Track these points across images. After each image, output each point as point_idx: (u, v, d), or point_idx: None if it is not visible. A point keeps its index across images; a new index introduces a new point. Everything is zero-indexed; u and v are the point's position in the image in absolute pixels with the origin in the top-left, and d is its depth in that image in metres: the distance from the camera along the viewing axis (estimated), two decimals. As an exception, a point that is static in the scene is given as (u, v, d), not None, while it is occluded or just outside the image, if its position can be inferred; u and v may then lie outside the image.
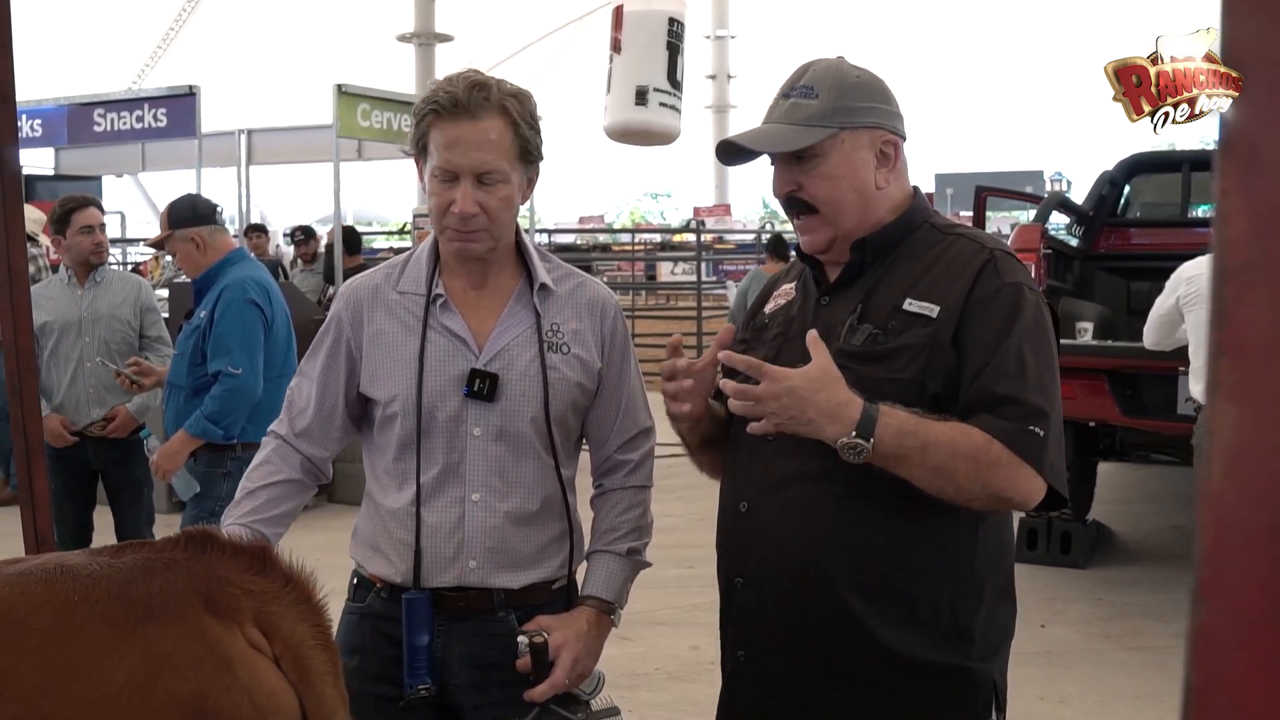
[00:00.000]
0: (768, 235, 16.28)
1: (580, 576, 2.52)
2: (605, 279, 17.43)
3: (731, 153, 2.23)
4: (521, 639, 2.28)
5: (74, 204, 5.69)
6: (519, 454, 2.38)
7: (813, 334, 2.01)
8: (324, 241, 16.06)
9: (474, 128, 2.29)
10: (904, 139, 2.22)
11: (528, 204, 2.82)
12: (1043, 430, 1.98)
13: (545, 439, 2.40)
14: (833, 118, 2.12)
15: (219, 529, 1.79)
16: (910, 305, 2.08)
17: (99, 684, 1.52)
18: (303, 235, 13.45)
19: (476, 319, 2.41)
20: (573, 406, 2.44)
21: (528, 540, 2.40)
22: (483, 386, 2.35)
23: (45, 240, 8.86)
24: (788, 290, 2.34)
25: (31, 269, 7.27)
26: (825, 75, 2.16)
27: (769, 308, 2.36)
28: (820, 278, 2.25)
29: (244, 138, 14.61)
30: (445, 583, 2.37)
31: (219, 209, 5.11)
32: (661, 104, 4.06)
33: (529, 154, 2.37)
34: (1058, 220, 9.36)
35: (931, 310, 2.06)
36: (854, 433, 1.92)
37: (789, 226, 2.59)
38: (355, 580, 2.50)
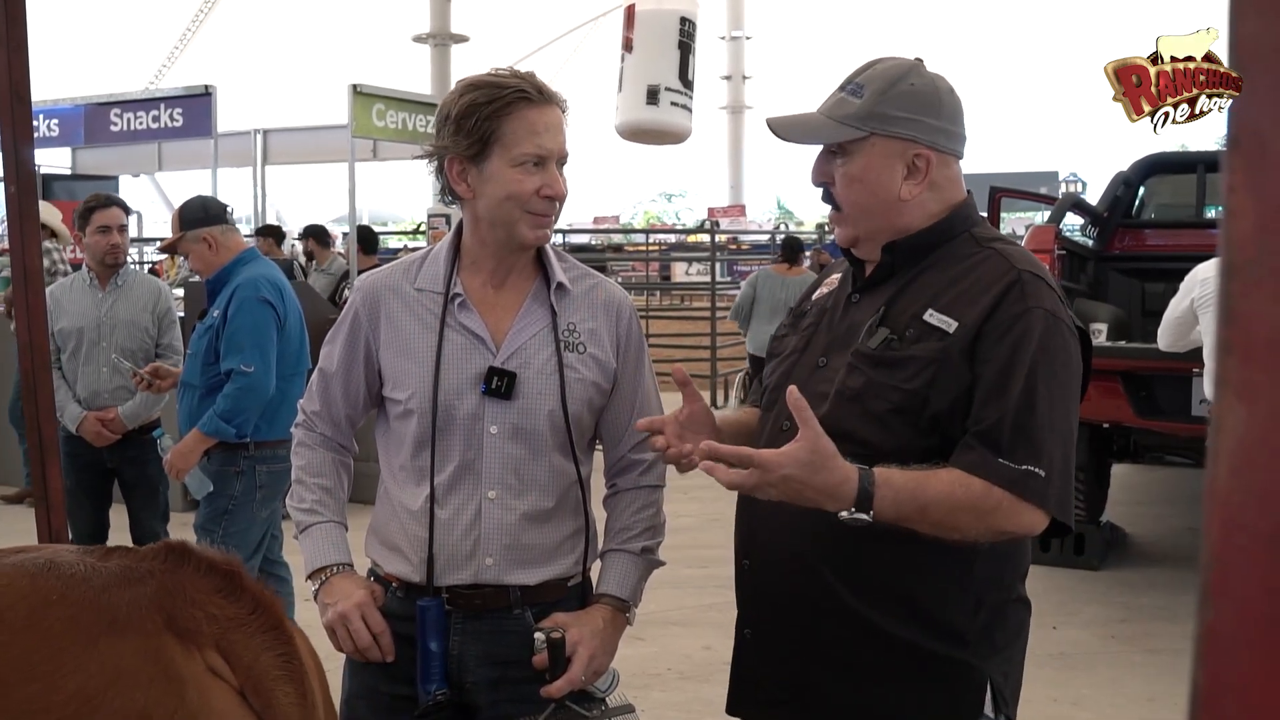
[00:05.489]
0: (782, 236, 16.31)
1: (594, 576, 2.53)
2: (620, 279, 17.48)
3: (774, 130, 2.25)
4: (538, 635, 2.30)
5: (96, 203, 5.68)
6: (535, 452, 2.40)
7: (792, 393, 1.94)
8: (338, 242, 16.06)
9: (555, 115, 2.37)
10: (954, 155, 2.19)
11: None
12: (1045, 470, 1.96)
13: (562, 437, 2.41)
14: (867, 121, 2.13)
15: (197, 544, 1.78)
16: (931, 317, 2.07)
17: (51, 690, 1.51)
18: (316, 242, 12.10)
19: (494, 317, 2.43)
20: (589, 405, 2.45)
21: (544, 537, 2.41)
22: (500, 384, 2.36)
23: (67, 233, 8.85)
24: (833, 281, 2.37)
25: (46, 262, 7.26)
26: (878, 77, 2.16)
27: (815, 295, 2.39)
28: (858, 274, 2.26)
29: (260, 138, 14.68)
30: (462, 580, 2.38)
31: (229, 209, 5.12)
32: (673, 103, 4.06)
33: None
34: (1072, 221, 9.32)
35: (949, 325, 2.05)
36: (853, 509, 1.92)
37: (802, 229, 2.60)
38: (371, 580, 2.50)
